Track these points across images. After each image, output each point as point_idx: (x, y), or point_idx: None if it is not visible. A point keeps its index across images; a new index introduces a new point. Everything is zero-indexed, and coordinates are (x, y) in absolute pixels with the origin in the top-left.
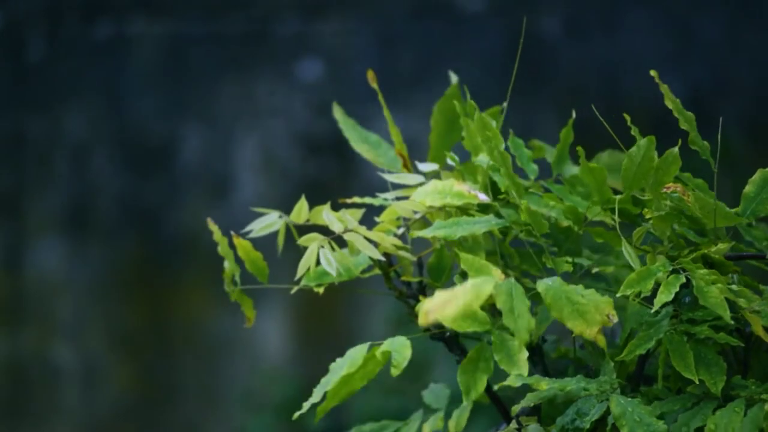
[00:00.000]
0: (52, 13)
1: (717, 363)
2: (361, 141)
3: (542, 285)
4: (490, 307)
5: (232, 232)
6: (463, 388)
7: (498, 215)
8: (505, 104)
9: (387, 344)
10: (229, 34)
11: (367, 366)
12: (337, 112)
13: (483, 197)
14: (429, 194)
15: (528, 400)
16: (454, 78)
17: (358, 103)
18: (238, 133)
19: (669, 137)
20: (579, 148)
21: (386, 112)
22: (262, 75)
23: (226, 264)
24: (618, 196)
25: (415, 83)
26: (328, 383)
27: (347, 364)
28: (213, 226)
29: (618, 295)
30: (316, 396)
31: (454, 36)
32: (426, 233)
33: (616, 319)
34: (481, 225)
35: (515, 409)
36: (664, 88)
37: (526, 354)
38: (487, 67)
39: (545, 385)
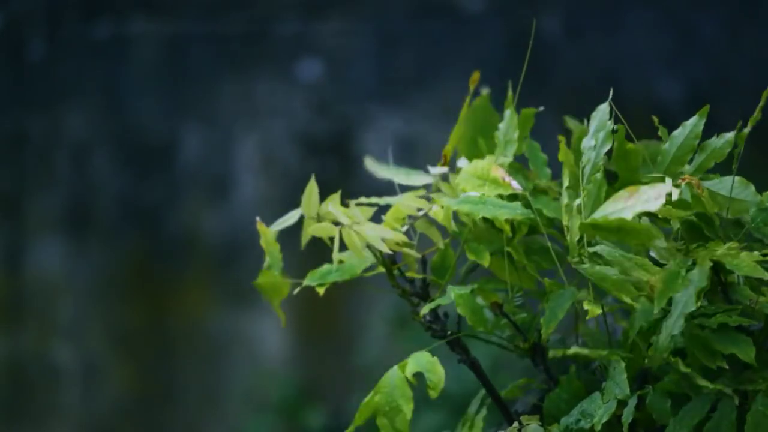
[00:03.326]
0: (52, 13)
1: (742, 338)
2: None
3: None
4: (493, 306)
5: (257, 218)
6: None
7: (527, 206)
8: (541, 108)
9: (414, 363)
10: (229, 34)
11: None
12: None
13: (516, 186)
14: (469, 179)
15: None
16: (486, 91)
17: (357, 103)
18: (238, 133)
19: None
20: (620, 126)
21: (463, 113)
22: (262, 75)
23: (268, 259)
24: (649, 176)
25: (415, 83)
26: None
27: (405, 404)
28: (261, 225)
29: (656, 311)
30: None
31: (454, 36)
32: (451, 204)
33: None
34: (506, 210)
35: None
36: None
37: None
38: (487, 67)
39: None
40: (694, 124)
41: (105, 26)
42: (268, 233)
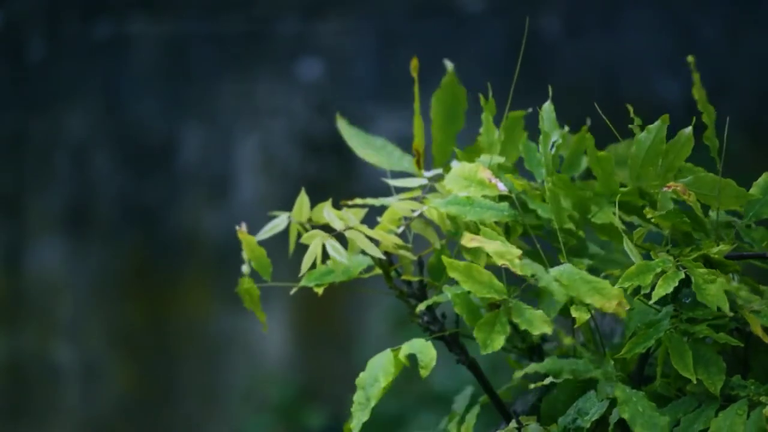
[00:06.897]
0: (52, 13)
1: (716, 363)
2: (365, 146)
3: (555, 270)
4: (490, 306)
5: (237, 228)
6: (481, 343)
7: (513, 206)
8: (530, 110)
9: (408, 347)
10: (229, 34)
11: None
12: (341, 122)
13: (502, 187)
14: (456, 180)
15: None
16: (449, 66)
17: (357, 103)
18: (238, 133)
19: (667, 137)
20: (588, 135)
21: (416, 105)
22: (262, 75)
23: (245, 268)
24: (623, 188)
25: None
26: (369, 399)
27: (383, 376)
28: (242, 234)
29: (616, 287)
30: (361, 415)
31: (454, 36)
32: (438, 205)
33: (628, 306)
34: (492, 212)
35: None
36: (696, 77)
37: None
38: (487, 66)
39: (552, 362)
40: (657, 128)
41: (105, 26)
42: (251, 240)
